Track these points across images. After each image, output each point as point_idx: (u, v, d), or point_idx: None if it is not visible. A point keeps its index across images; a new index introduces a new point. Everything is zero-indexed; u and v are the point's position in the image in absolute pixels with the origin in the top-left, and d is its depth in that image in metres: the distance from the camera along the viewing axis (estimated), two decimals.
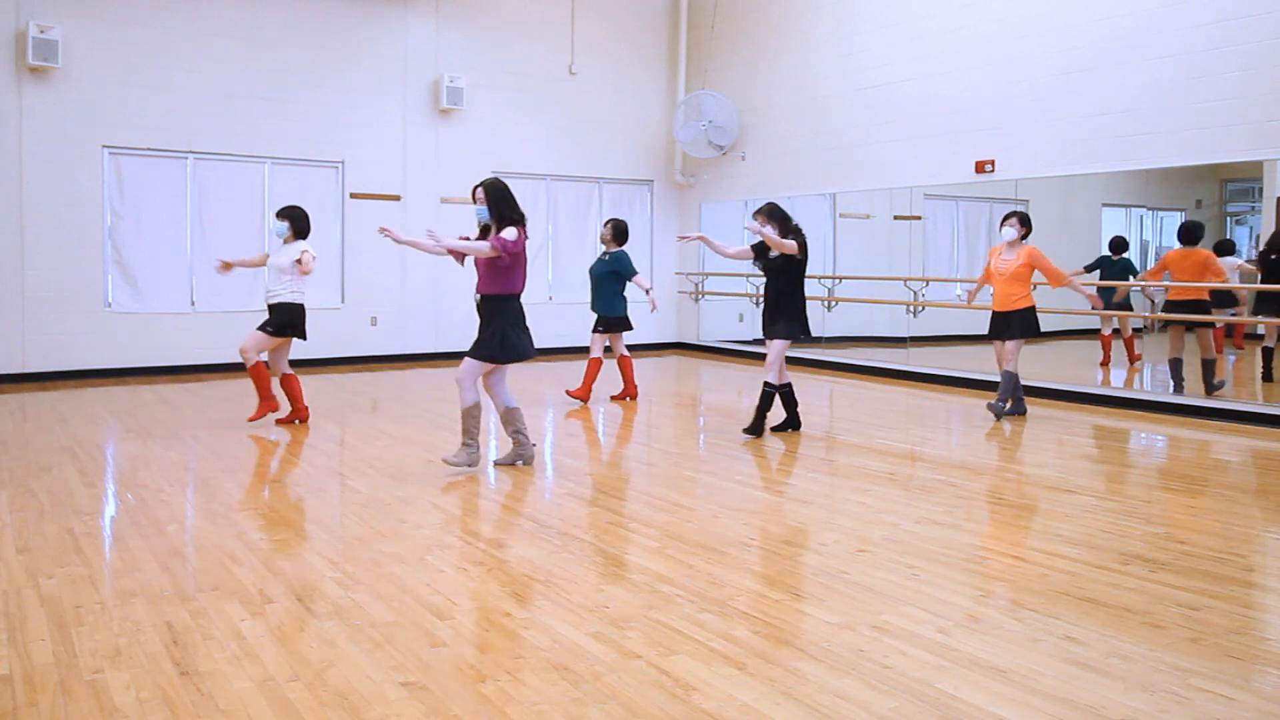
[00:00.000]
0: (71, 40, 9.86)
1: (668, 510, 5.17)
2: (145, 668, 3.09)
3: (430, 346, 12.12)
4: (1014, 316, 7.86)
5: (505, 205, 5.82)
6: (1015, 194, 10.20)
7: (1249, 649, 3.31)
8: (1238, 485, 6.04)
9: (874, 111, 11.01)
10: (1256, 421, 7.79)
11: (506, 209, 5.81)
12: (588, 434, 7.79)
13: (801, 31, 11.95)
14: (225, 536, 4.56)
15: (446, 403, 8.84)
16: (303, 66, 11.17)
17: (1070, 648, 3.30)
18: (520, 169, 12.74)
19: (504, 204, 5.82)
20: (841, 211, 12.11)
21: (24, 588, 3.83)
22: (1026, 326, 7.85)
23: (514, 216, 5.79)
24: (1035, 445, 7.19)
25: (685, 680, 3.02)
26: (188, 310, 10.74)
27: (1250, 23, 7.86)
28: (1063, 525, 4.88)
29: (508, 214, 5.80)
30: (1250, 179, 9.02)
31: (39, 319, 9.91)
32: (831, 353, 11.76)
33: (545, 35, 12.66)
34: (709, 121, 12.62)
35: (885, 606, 3.69)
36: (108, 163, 10.25)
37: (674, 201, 13.91)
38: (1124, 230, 10.01)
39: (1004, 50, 9.67)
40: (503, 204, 5.81)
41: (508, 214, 5.80)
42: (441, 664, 3.14)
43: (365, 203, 11.63)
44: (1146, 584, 3.95)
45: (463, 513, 5.04)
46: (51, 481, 5.63)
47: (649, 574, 4.06)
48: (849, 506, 5.33)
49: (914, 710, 2.83)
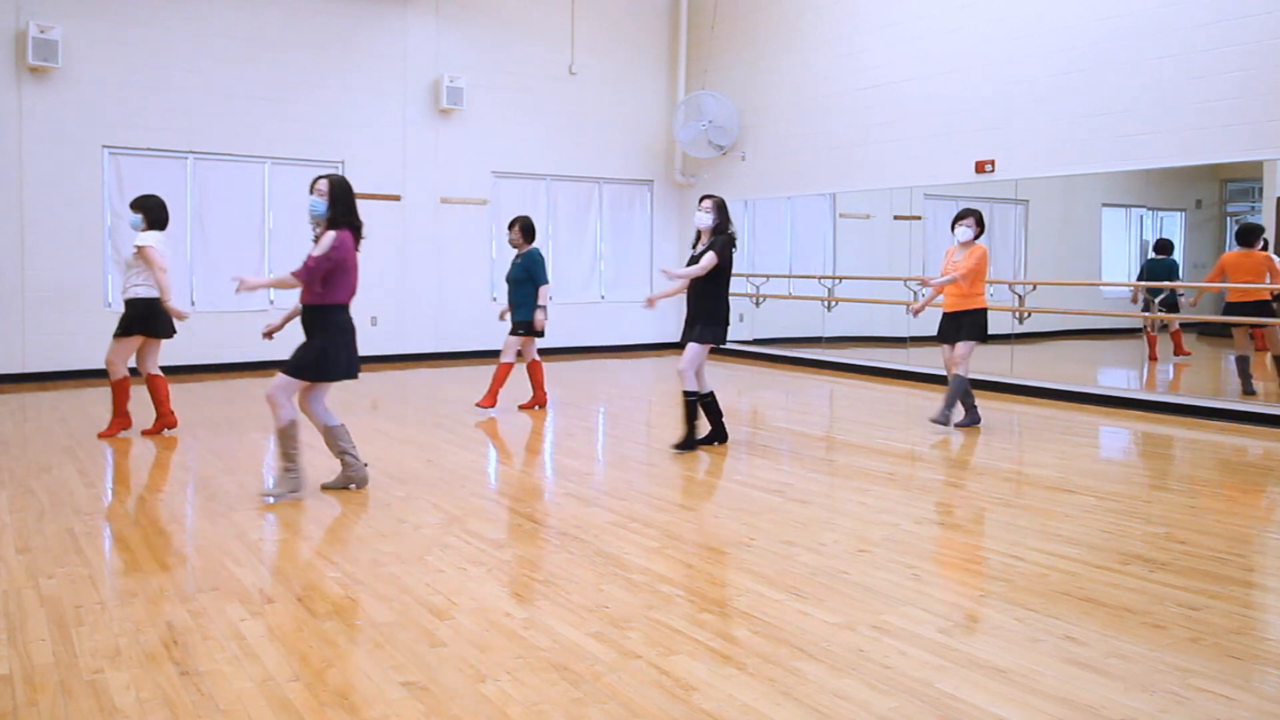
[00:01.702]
0: (71, 40, 9.86)
1: (668, 510, 5.17)
2: (145, 668, 3.09)
3: (430, 346, 12.12)
4: (965, 318, 7.44)
5: (342, 206, 5.25)
6: (1015, 194, 10.21)
7: (1249, 649, 3.31)
8: (1241, 485, 6.04)
9: (874, 111, 11.01)
10: (1258, 422, 7.80)
11: (342, 211, 5.24)
12: (587, 434, 7.79)
13: (801, 31, 11.95)
14: (225, 536, 4.56)
15: (446, 403, 8.85)
16: (303, 66, 11.17)
17: (1070, 648, 3.30)
18: (520, 169, 12.74)
19: (341, 205, 5.25)
20: (841, 211, 12.12)
21: (24, 588, 3.83)
22: (976, 329, 7.44)
23: (347, 221, 5.26)
24: (1035, 445, 7.19)
25: (685, 680, 3.02)
26: (187, 310, 10.70)
27: (1250, 23, 7.86)
28: (1063, 525, 4.88)
29: (341, 216, 5.24)
30: (1250, 179, 9.03)
31: (39, 319, 9.91)
32: (831, 353, 11.76)
33: (545, 35, 12.66)
34: (709, 121, 12.62)
35: (885, 606, 3.69)
36: (108, 163, 10.25)
37: (674, 201, 13.91)
38: (1124, 230, 10.01)
39: (1004, 50, 9.67)
40: (340, 204, 5.24)
41: (341, 216, 5.24)
42: (441, 664, 3.14)
43: (365, 203, 11.51)
44: (1146, 584, 3.95)
45: (463, 513, 5.04)
46: (51, 481, 5.63)
47: (649, 574, 4.06)
48: (849, 506, 5.33)
49: (914, 710, 2.83)
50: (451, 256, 12.13)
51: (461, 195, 12.26)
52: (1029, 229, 10.62)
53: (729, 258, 6.68)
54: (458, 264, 12.19)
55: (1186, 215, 9.76)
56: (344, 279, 5.25)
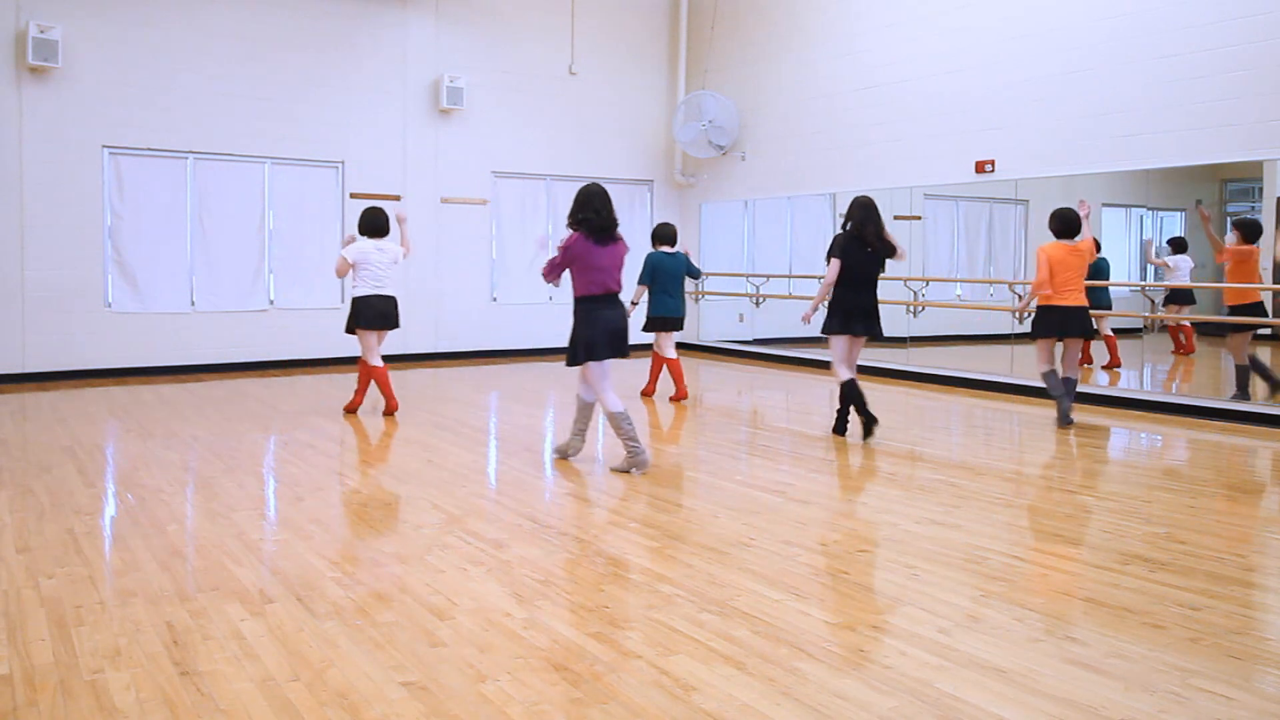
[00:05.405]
0: (71, 40, 9.86)
1: (668, 510, 5.17)
2: (145, 668, 3.09)
3: (430, 346, 12.12)
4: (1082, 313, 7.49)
5: (576, 210, 5.77)
6: (1015, 194, 10.21)
7: (1249, 649, 3.31)
8: (1241, 485, 6.04)
9: (874, 111, 11.01)
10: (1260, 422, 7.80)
11: (575, 214, 5.77)
12: (587, 434, 7.77)
13: (801, 31, 11.95)
14: (225, 536, 4.56)
15: (447, 403, 8.85)
16: (303, 66, 11.17)
17: (1070, 648, 3.29)
18: (520, 169, 12.74)
19: (576, 209, 5.77)
20: (841, 211, 12.10)
21: (24, 588, 3.83)
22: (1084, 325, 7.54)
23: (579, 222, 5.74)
24: (1035, 445, 7.19)
25: (685, 680, 3.02)
26: (188, 310, 10.74)
27: (1250, 23, 7.86)
28: (1063, 525, 4.88)
29: (574, 219, 5.77)
30: (1250, 179, 9.02)
31: (39, 319, 9.91)
32: (831, 353, 11.74)
33: (545, 35, 12.66)
34: (709, 121, 12.62)
35: (885, 606, 3.69)
36: (108, 163, 10.25)
37: (674, 201, 13.91)
38: (1123, 230, 10.01)
39: (1004, 50, 9.67)
40: (575, 209, 5.78)
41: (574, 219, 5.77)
42: (441, 664, 3.14)
43: (365, 203, 11.61)
44: (1146, 584, 3.95)
45: (463, 513, 5.04)
46: (51, 481, 5.63)
47: (649, 574, 4.06)
48: (849, 506, 5.33)
49: (914, 710, 2.83)
50: (452, 256, 12.13)
51: (462, 195, 12.26)
52: (1029, 229, 10.61)
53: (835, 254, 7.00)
54: (458, 264, 12.19)
55: (1186, 215, 9.76)
56: (580, 275, 5.84)
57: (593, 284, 5.83)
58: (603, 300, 5.87)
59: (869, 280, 6.98)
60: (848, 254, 6.92)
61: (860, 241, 6.90)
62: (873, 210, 6.94)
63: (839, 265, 6.94)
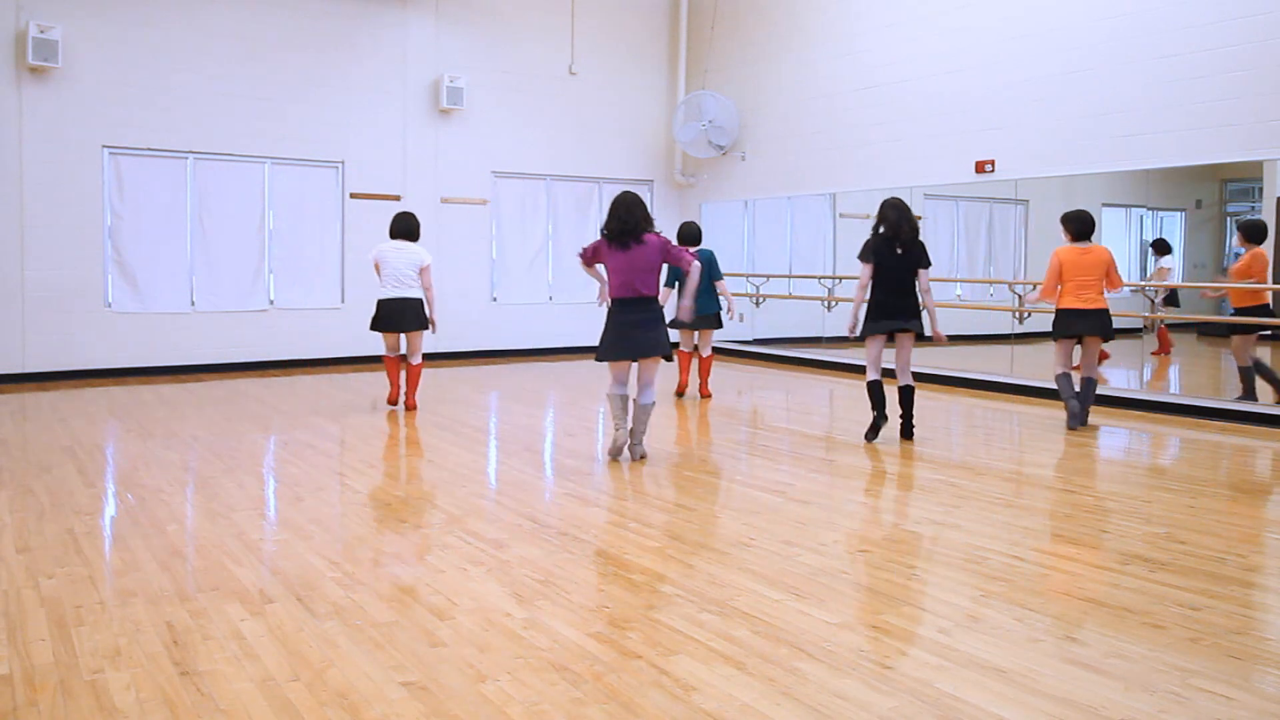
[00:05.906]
0: (71, 40, 9.86)
1: (668, 510, 5.17)
2: (145, 668, 3.09)
3: (430, 346, 12.09)
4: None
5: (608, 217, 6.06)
6: (1015, 194, 10.21)
7: (1249, 649, 3.31)
8: (1241, 485, 6.04)
9: (874, 111, 11.01)
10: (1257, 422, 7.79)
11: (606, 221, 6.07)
12: (587, 434, 7.78)
13: (801, 31, 11.95)
14: (225, 536, 4.56)
15: (446, 403, 8.85)
16: (303, 66, 11.17)
17: (1070, 648, 3.30)
18: (520, 169, 12.74)
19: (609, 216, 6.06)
20: (841, 211, 12.12)
21: (24, 588, 3.83)
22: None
23: (606, 228, 6.03)
24: (1035, 445, 7.18)
25: (685, 680, 3.02)
26: (188, 310, 10.74)
27: (1250, 23, 7.86)
28: (1063, 525, 4.88)
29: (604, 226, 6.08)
30: (1250, 179, 9.02)
31: (39, 319, 9.91)
32: (832, 353, 11.76)
33: (545, 35, 12.66)
34: (709, 121, 12.62)
35: (885, 606, 3.69)
36: (108, 163, 10.25)
37: (674, 201, 13.91)
38: (1123, 230, 10.01)
39: (1004, 50, 9.67)
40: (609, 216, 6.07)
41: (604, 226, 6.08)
42: (441, 664, 3.14)
43: (365, 203, 11.63)
44: (1146, 584, 3.95)
45: (463, 513, 5.04)
46: (51, 481, 5.63)
47: (649, 574, 4.06)
48: (849, 506, 5.33)
49: (914, 710, 2.83)
50: (452, 256, 12.12)
51: (462, 195, 12.26)
52: (1029, 229, 10.62)
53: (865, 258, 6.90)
54: (458, 264, 12.18)
55: (1186, 215, 9.76)
56: (609, 277, 6.16)
57: (615, 286, 6.13)
58: (623, 303, 6.12)
59: (901, 282, 6.86)
60: (879, 255, 6.84)
61: (892, 244, 6.83)
62: (906, 212, 6.85)
63: (871, 269, 6.86)
